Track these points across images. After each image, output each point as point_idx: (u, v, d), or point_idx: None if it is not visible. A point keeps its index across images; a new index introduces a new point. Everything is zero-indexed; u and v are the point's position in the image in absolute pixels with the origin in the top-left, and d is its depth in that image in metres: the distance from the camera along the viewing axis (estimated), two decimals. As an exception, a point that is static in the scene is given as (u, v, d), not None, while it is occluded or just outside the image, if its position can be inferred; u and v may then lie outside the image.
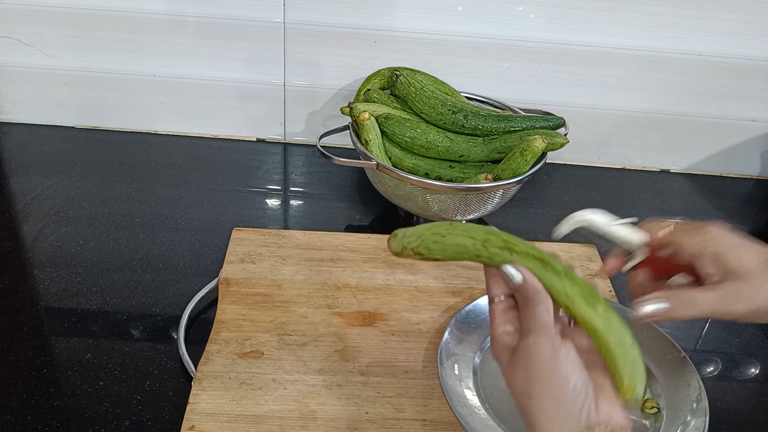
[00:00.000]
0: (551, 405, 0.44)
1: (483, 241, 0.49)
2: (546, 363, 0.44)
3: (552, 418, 0.44)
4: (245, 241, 0.80)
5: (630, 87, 0.99)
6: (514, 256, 0.48)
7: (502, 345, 0.48)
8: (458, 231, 0.51)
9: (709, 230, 0.50)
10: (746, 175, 1.08)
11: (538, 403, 0.44)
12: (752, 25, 0.93)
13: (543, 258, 0.48)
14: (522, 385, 0.46)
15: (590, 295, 0.46)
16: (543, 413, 0.44)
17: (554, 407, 0.44)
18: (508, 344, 0.48)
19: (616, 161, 1.07)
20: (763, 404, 0.68)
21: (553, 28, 0.94)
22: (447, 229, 0.51)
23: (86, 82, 1.00)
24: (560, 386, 0.44)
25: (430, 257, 0.52)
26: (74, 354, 0.66)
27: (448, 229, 0.51)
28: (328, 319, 0.70)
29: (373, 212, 0.92)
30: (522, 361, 0.46)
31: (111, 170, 0.95)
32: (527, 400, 0.45)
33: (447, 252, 0.51)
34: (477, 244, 0.49)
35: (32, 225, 0.83)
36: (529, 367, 0.45)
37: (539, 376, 0.45)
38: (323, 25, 0.94)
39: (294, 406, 0.61)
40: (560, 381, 0.44)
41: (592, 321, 0.46)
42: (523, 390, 0.46)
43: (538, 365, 0.45)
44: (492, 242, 0.49)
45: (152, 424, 0.60)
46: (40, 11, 0.93)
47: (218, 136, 1.05)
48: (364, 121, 0.82)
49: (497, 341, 0.48)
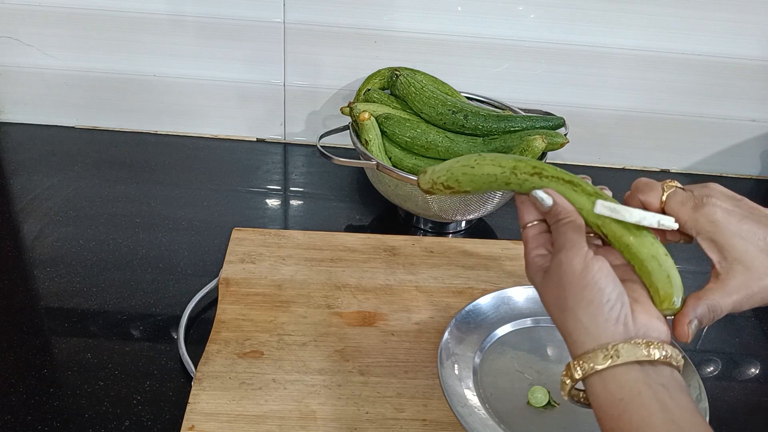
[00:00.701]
0: (586, 316, 0.44)
1: (512, 169, 0.50)
2: (578, 275, 0.44)
3: (588, 329, 0.43)
4: (245, 241, 0.80)
5: (630, 87, 0.99)
6: (543, 181, 0.49)
7: (535, 267, 0.49)
8: (487, 161, 0.51)
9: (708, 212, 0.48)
10: (746, 175, 1.08)
11: (573, 315, 0.44)
12: (752, 25, 0.93)
13: (573, 180, 0.48)
14: (556, 300, 0.46)
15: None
16: (578, 325, 0.44)
17: (589, 318, 0.44)
18: (542, 265, 0.48)
19: (616, 161, 1.07)
20: (763, 404, 0.68)
21: (553, 28, 0.94)
22: (476, 160, 0.52)
23: (86, 82, 1.00)
24: (594, 297, 0.44)
25: (460, 190, 0.53)
26: (74, 354, 0.66)
27: (477, 160, 0.52)
28: (328, 319, 0.70)
29: (373, 212, 0.92)
30: (555, 278, 0.46)
31: (111, 170, 0.95)
32: (562, 314, 0.45)
33: (476, 183, 0.52)
34: (506, 172, 0.50)
35: (32, 225, 0.83)
36: (562, 281, 0.45)
37: (573, 289, 0.44)
38: (323, 25, 0.94)
39: (294, 406, 0.61)
40: (594, 292, 0.44)
41: (623, 237, 0.46)
42: (558, 304, 0.46)
43: (571, 278, 0.44)
44: (521, 168, 0.50)
45: (152, 424, 0.60)
46: (40, 11, 0.93)
47: (218, 136, 1.05)
48: (364, 121, 0.82)
49: (531, 264, 0.49)
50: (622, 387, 0.42)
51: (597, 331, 0.43)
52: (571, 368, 0.44)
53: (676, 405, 0.41)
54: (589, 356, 0.43)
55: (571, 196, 0.48)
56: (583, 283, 0.44)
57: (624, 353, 0.42)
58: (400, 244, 0.82)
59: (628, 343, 0.42)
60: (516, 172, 0.50)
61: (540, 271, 0.48)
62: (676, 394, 0.42)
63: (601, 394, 0.42)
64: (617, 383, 0.42)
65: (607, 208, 0.46)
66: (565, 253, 0.45)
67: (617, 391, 0.42)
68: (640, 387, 0.42)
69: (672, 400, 0.41)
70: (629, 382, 0.42)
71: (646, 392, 0.41)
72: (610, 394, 0.42)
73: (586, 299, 0.44)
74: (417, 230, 0.90)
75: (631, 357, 0.42)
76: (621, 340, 0.43)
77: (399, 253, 0.80)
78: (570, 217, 0.47)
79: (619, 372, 0.42)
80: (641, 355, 0.42)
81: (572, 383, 0.44)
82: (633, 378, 0.42)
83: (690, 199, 0.49)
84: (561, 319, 0.46)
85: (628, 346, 0.42)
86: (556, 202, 0.48)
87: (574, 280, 0.44)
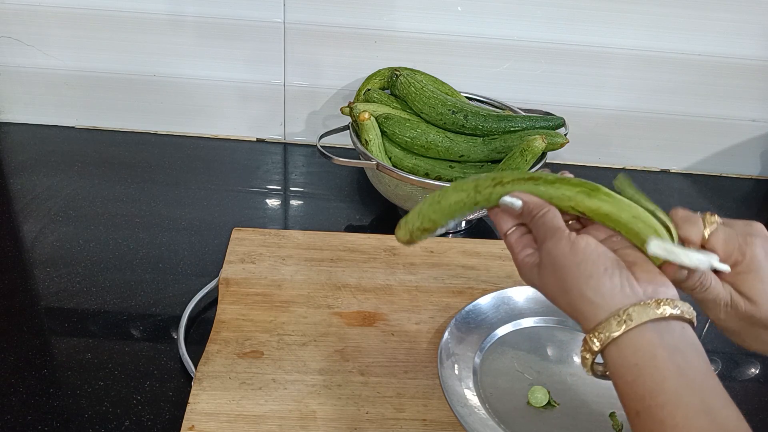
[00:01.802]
0: (590, 290, 0.44)
1: (474, 188, 0.51)
2: (569, 255, 0.45)
3: (595, 301, 0.44)
4: (245, 241, 0.80)
5: (630, 87, 0.99)
6: (506, 187, 0.50)
7: (527, 266, 0.49)
8: (449, 191, 0.53)
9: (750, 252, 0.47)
10: (746, 175, 1.08)
11: (577, 293, 0.44)
12: (752, 25, 0.93)
13: (533, 176, 0.49)
14: (556, 286, 0.46)
15: (590, 188, 0.48)
16: (584, 300, 0.44)
17: (593, 291, 0.44)
18: (533, 263, 0.48)
19: (616, 161, 1.07)
20: (763, 404, 0.68)
21: (553, 28, 0.94)
22: (440, 195, 0.53)
23: (86, 82, 1.00)
24: (592, 270, 0.44)
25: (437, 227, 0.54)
26: (74, 354, 0.66)
27: (440, 195, 0.53)
28: (328, 319, 0.70)
29: (373, 212, 0.92)
30: (548, 267, 0.46)
31: (111, 170, 0.95)
32: (567, 296, 0.45)
33: (449, 213, 0.53)
34: (470, 193, 0.51)
35: (32, 225, 0.83)
36: (556, 266, 0.45)
37: (569, 269, 0.45)
38: (323, 25, 0.94)
39: (294, 406, 0.61)
40: (590, 265, 0.44)
41: (599, 207, 0.47)
42: (559, 289, 0.46)
43: (563, 260, 0.45)
44: (481, 185, 0.51)
45: (152, 424, 0.60)
46: (40, 11, 0.93)
47: (218, 136, 1.05)
48: (364, 121, 0.82)
49: (522, 265, 0.50)
50: (636, 351, 0.42)
51: (604, 301, 0.43)
52: (588, 342, 0.44)
53: (691, 367, 0.41)
54: (602, 326, 0.43)
55: (536, 191, 0.49)
56: (576, 261, 0.44)
57: (636, 315, 0.42)
58: (400, 244, 0.81)
59: (638, 305, 0.42)
60: (478, 189, 0.51)
61: (533, 268, 0.49)
62: (691, 356, 0.42)
63: (618, 360, 0.42)
64: (632, 348, 0.42)
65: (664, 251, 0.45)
66: (550, 241, 0.46)
67: (632, 356, 0.42)
68: (654, 350, 0.41)
69: (686, 362, 0.41)
70: (644, 345, 0.42)
71: (660, 354, 0.41)
72: (625, 359, 0.42)
73: (584, 274, 0.44)
74: (417, 230, 0.89)
75: (644, 318, 0.42)
76: (630, 303, 0.43)
77: (399, 253, 0.80)
78: (543, 209, 0.48)
79: (633, 336, 0.42)
80: (653, 314, 0.42)
81: (592, 357, 0.44)
82: (648, 341, 0.42)
83: (734, 239, 0.48)
84: (567, 301, 0.46)
85: (639, 308, 0.42)
86: (525, 201, 0.49)
87: (567, 261, 0.45)
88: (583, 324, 0.45)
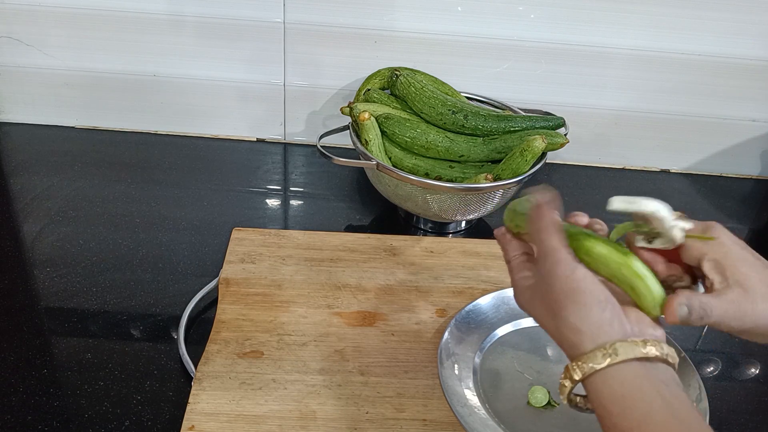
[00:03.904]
0: (579, 319, 0.44)
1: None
2: (566, 280, 0.45)
3: (582, 330, 0.44)
4: (245, 241, 0.80)
5: (630, 87, 0.99)
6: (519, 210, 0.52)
7: (521, 288, 0.50)
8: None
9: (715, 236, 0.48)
10: (746, 175, 1.08)
11: (566, 319, 0.44)
12: (752, 25, 0.93)
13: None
14: (547, 309, 0.46)
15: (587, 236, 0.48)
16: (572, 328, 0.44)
17: (582, 320, 0.44)
18: (528, 285, 0.49)
19: (616, 161, 1.07)
20: (763, 404, 0.68)
21: (553, 28, 0.94)
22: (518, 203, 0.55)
23: (86, 82, 1.00)
24: (585, 300, 0.44)
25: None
26: (74, 354, 0.66)
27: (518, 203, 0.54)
28: (328, 319, 0.70)
29: (373, 212, 0.92)
30: (543, 287, 0.46)
31: (111, 170, 0.95)
32: (554, 320, 0.45)
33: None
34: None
35: (32, 225, 0.83)
36: (550, 288, 0.46)
37: (562, 295, 0.45)
38: (323, 25, 0.94)
39: (294, 406, 0.61)
40: (584, 295, 0.44)
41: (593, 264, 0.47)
42: (549, 312, 0.46)
43: (558, 284, 0.45)
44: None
45: (152, 424, 0.60)
46: (40, 11, 0.93)
47: (218, 136, 1.05)
48: (364, 121, 0.82)
49: (517, 286, 0.50)
50: (623, 383, 0.42)
51: (592, 331, 0.43)
52: (570, 370, 0.44)
53: (676, 400, 0.41)
54: (587, 356, 0.43)
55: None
56: (571, 288, 0.45)
57: (622, 351, 0.42)
58: (400, 244, 0.82)
59: (625, 342, 0.43)
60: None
61: (527, 290, 0.49)
62: (675, 390, 0.42)
63: (603, 391, 0.43)
64: (618, 380, 0.42)
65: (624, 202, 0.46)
66: (550, 261, 0.46)
67: (619, 387, 0.42)
68: (641, 382, 0.42)
69: (672, 395, 0.42)
70: (630, 377, 0.42)
71: (647, 387, 0.42)
72: (611, 391, 0.42)
73: (577, 302, 0.44)
74: (417, 230, 0.90)
75: (629, 354, 0.42)
76: (617, 338, 0.43)
77: (399, 253, 0.80)
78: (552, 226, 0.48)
79: (619, 369, 0.42)
80: (638, 352, 0.42)
81: (572, 385, 0.44)
82: (634, 373, 0.42)
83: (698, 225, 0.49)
84: (554, 326, 0.46)
85: (626, 344, 0.43)
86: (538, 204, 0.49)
87: (562, 285, 0.45)
88: (567, 352, 0.45)
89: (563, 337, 0.45)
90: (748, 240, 0.98)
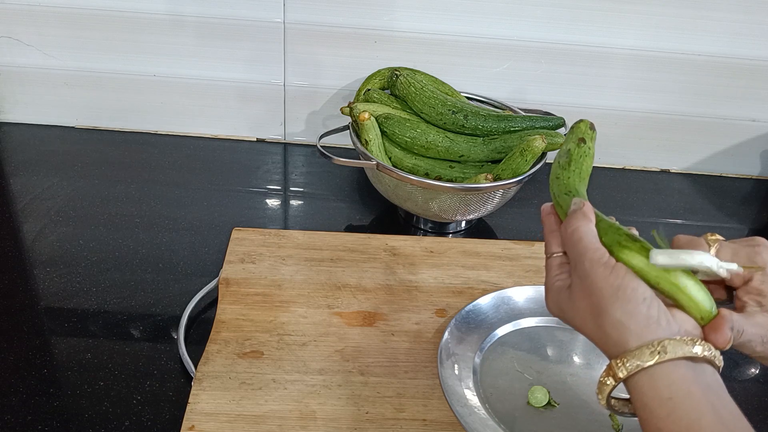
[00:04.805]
0: (625, 315, 0.42)
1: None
2: (608, 278, 0.43)
3: (629, 327, 0.42)
4: (245, 241, 0.80)
5: (630, 87, 0.99)
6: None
7: (556, 290, 0.48)
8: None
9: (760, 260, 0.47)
10: (746, 175, 1.08)
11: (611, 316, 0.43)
12: (752, 25, 0.93)
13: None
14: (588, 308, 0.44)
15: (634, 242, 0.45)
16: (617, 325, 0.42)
17: (628, 317, 0.42)
18: (563, 286, 0.47)
19: (616, 161, 1.07)
20: (763, 404, 0.68)
21: (553, 28, 0.94)
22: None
23: (86, 82, 1.00)
24: (630, 296, 0.42)
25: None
26: (74, 354, 0.66)
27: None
28: (328, 319, 0.70)
29: (373, 212, 0.92)
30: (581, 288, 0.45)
31: (111, 170, 0.95)
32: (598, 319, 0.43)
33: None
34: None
35: (32, 225, 0.83)
36: (591, 287, 0.44)
37: (606, 292, 0.43)
38: (323, 25, 0.94)
39: (294, 406, 0.61)
40: (628, 291, 0.42)
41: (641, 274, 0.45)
42: (591, 311, 0.44)
43: (600, 282, 0.43)
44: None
45: (152, 424, 0.60)
46: (40, 11, 0.93)
47: (218, 136, 1.05)
48: (364, 121, 0.82)
49: (552, 288, 0.48)
50: (670, 385, 0.40)
51: (638, 328, 0.42)
52: (613, 368, 0.42)
53: (724, 407, 0.40)
54: (633, 353, 0.41)
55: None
56: (615, 285, 0.43)
57: (671, 349, 0.41)
58: (400, 244, 0.82)
59: (674, 339, 0.41)
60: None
61: (562, 291, 0.47)
62: (723, 395, 0.41)
63: (649, 392, 0.41)
64: (666, 381, 0.41)
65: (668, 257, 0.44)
66: (587, 261, 0.45)
67: (666, 389, 0.40)
68: (689, 386, 0.40)
69: (720, 401, 0.40)
70: (678, 380, 0.41)
71: (696, 392, 0.40)
72: (658, 392, 0.41)
73: (621, 298, 0.42)
74: (417, 230, 0.89)
75: (678, 353, 0.41)
76: (666, 336, 0.41)
77: (399, 253, 0.80)
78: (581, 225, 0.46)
79: (667, 369, 0.41)
80: (688, 351, 0.41)
81: (615, 383, 0.43)
82: (681, 376, 0.41)
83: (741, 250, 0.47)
84: (597, 324, 0.44)
85: (675, 342, 0.41)
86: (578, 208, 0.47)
87: (604, 283, 0.43)
88: (608, 350, 0.44)
89: (606, 336, 0.43)
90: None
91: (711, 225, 0.97)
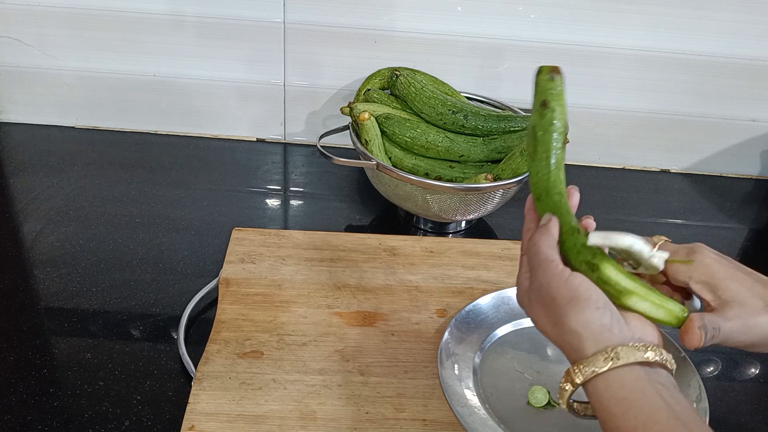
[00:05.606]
0: (580, 324, 0.44)
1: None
2: (561, 290, 0.45)
3: (583, 336, 0.44)
4: (245, 241, 0.80)
5: (630, 87, 0.99)
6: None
7: (523, 289, 0.50)
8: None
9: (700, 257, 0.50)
10: (746, 175, 1.08)
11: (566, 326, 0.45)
12: (752, 25, 0.93)
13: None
14: (547, 317, 0.47)
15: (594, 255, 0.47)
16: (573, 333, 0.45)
17: (583, 326, 0.44)
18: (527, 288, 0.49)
19: (616, 161, 1.07)
20: (763, 404, 0.68)
21: (553, 28, 0.94)
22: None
23: (86, 82, 1.00)
24: (583, 306, 0.45)
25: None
26: (74, 354, 0.66)
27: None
28: (328, 319, 0.70)
29: (373, 212, 0.92)
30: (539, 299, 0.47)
31: (111, 170, 0.95)
32: (555, 328, 0.46)
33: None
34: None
35: (32, 225, 0.83)
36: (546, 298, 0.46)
37: (560, 302, 0.45)
38: (323, 25, 0.94)
39: (294, 406, 0.61)
40: (582, 301, 0.45)
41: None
42: (549, 320, 0.47)
43: (554, 293, 0.46)
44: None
45: (152, 424, 0.60)
46: (40, 11, 0.93)
47: (218, 136, 1.05)
48: (364, 121, 0.82)
49: (519, 286, 0.51)
50: (624, 386, 0.43)
51: (593, 336, 0.44)
52: (571, 374, 0.45)
53: (678, 403, 0.42)
54: (589, 360, 0.44)
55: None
56: (568, 296, 0.45)
57: (623, 355, 0.43)
58: (400, 244, 0.82)
59: (626, 346, 0.43)
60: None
61: (526, 291, 0.50)
62: (676, 393, 0.43)
63: (605, 394, 0.43)
64: (620, 382, 0.43)
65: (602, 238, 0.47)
66: (542, 273, 0.47)
67: (620, 389, 0.43)
68: (642, 385, 0.43)
69: (673, 398, 0.42)
70: (632, 381, 0.43)
71: (649, 390, 0.42)
72: (613, 393, 0.43)
73: (575, 308, 0.45)
74: (417, 230, 0.89)
75: (630, 359, 0.43)
76: (618, 342, 0.44)
77: (399, 253, 0.80)
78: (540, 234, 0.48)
79: (620, 373, 0.43)
80: (640, 357, 0.43)
81: (573, 388, 0.45)
82: (635, 376, 0.43)
83: (681, 249, 0.51)
84: (555, 333, 0.47)
85: (627, 349, 0.43)
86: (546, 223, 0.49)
87: (558, 294, 0.46)
88: (569, 355, 0.46)
89: (565, 343, 0.46)
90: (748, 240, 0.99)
91: (711, 225, 0.97)
